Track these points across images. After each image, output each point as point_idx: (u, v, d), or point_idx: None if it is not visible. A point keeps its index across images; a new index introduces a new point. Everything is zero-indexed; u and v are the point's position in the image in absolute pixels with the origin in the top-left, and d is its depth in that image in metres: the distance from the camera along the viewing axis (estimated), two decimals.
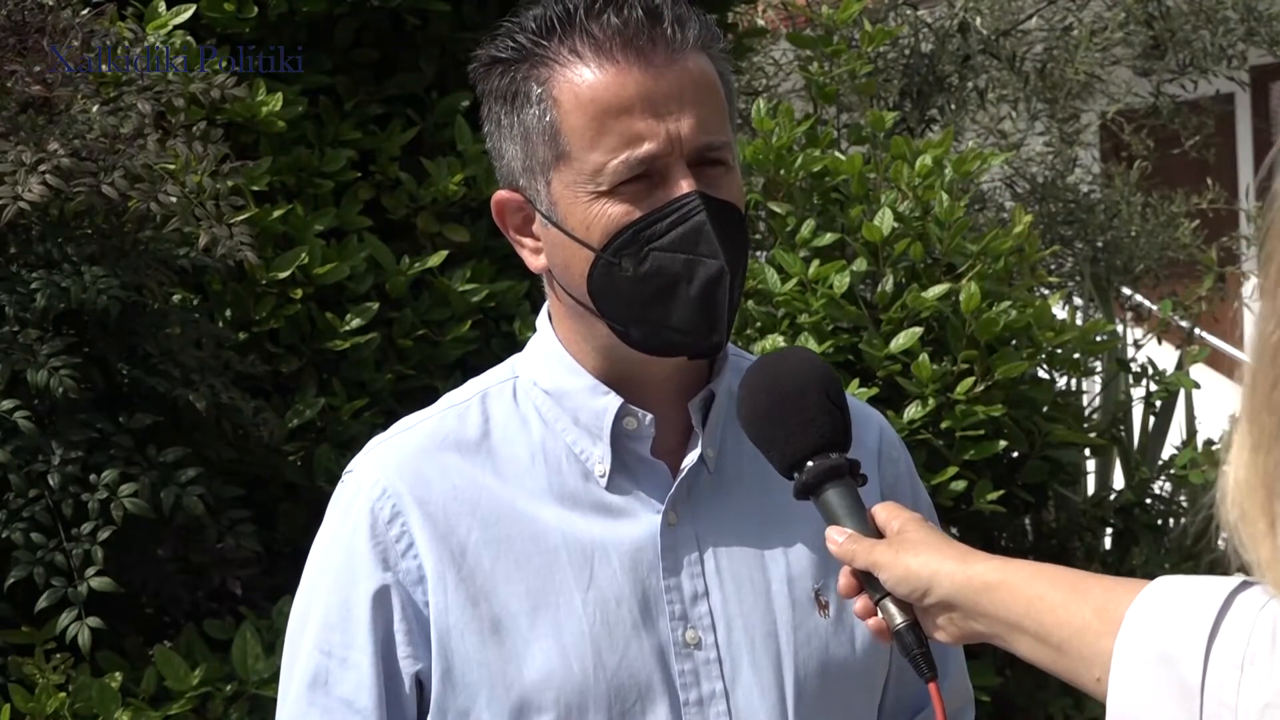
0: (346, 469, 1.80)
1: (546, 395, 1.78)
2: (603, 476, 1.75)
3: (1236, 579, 1.37)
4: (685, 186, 1.68)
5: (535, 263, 1.77)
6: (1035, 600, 1.49)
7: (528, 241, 1.77)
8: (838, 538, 1.61)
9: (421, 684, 1.72)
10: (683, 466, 1.76)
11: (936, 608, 1.55)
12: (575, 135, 1.68)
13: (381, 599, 1.72)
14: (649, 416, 1.75)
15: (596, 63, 1.68)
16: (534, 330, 1.85)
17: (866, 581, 1.59)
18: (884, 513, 1.63)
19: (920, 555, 1.55)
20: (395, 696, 1.72)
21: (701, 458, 1.76)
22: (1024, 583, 1.51)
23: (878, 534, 1.61)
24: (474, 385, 1.84)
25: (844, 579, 1.62)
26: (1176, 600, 1.40)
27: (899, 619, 1.57)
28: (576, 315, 1.76)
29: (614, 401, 1.75)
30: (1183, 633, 1.36)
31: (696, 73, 1.70)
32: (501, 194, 1.77)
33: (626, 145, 1.67)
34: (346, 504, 1.76)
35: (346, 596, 1.72)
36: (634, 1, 1.69)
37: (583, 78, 1.68)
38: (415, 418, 1.82)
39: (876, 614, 1.59)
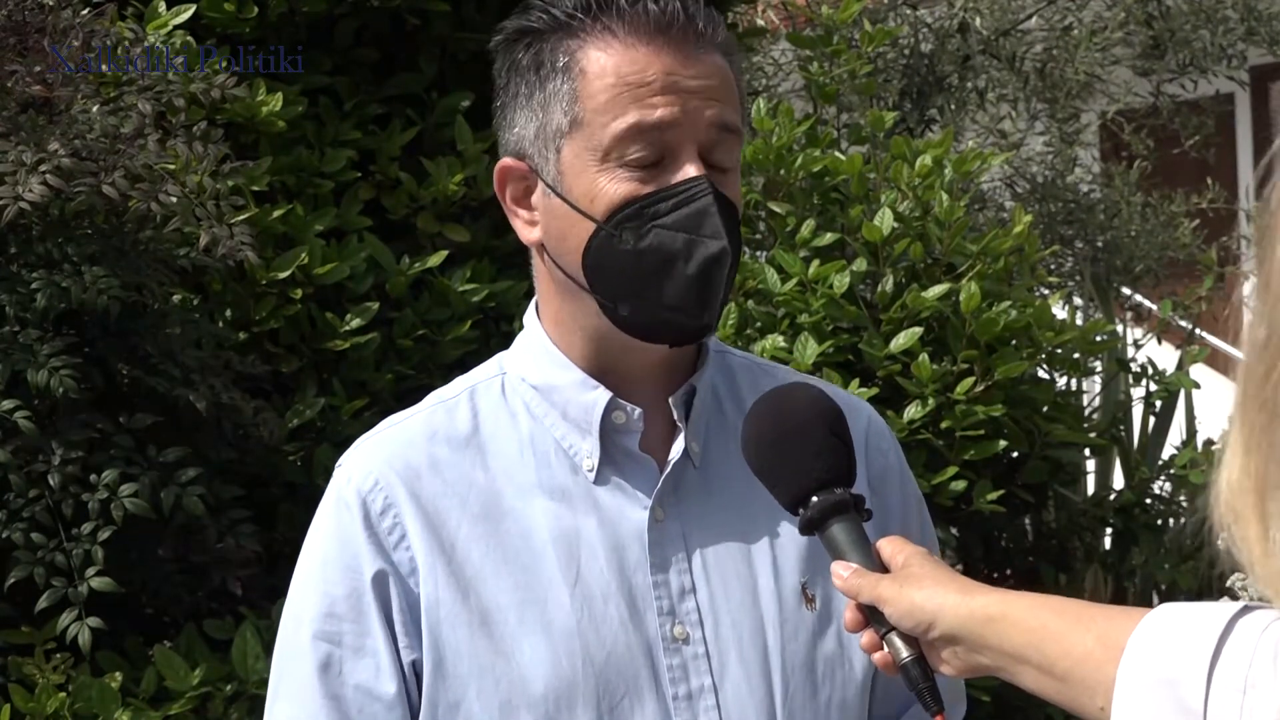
0: (337, 464, 1.81)
1: (534, 390, 1.79)
2: (591, 471, 1.76)
3: (1238, 604, 1.38)
4: (694, 170, 1.70)
5: (528, 235, 1.79)
6: (1038, 631, 1.50)
7: (523, 213, 1.79)
8: (843, 573, 1.61)
9: (416, 674, 1.73)
10: (669, 459, 1.76)
11: (941, 641, 1.56)
12: (594, 104, 1.70)
13: (383, 587, 1.73)
14: (637, 410, 1.76)
15: (628, 41, 1.71)
16: None
17: (872, 616, 1.60)
18: (889, 547, 1.63)
19: (924, 589, 1.56)
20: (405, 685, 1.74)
21: (686, 451, 1.77)
22: (1026, 614, 1.51)
23: (883, 568, 1.62)
24: (461, 382, 1.85)
25: (850, 613, 1.63)
26: (1178, 626, 1.40)
27: (905, 653, 1.58)
28: (565, 294, 1.77)
29: (603, 395, 1.76)
30: (1185, 657, 1.36)
31: (719, 69, 1.74)
32: (506, 161, 1.78)
33: (640, 113, 1.69)
34: (338, 497, 1.77)
35: (354, 587, 1.73)
36: None
37: (612, 51, 1.71)
38: (403, 414, 1.83)
39: (883, 648, 1.60)
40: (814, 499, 1.64)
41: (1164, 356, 5.19)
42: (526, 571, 1.72)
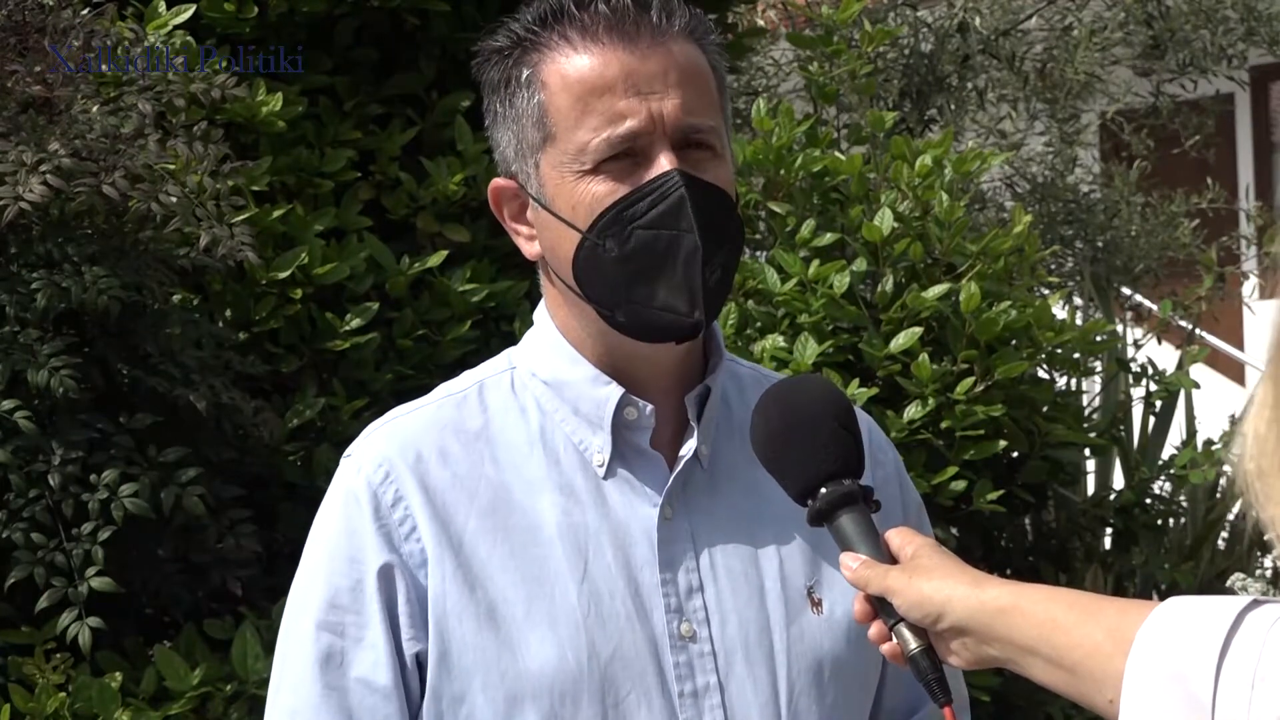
0: (345, 453, 1.81)
1: (545, 386, 1.80)
2: (601, 466, 1.77)
3: (1247, 598, 1.38)
4: (666, 164, 1.70)
5: (530, 250, 1.80)
6: (1048, 623, 1.50)
7: (523, 229, 1.80)
8: (851, 564, 1.62)
9: (421, 665, 1.73)
10: (681, 455, 1.77)
11: (950, 633, 1.56)
12: (561, 115, 1.72)
13: (388, 579, 1.73)
14: (649, 407, 1.77)
15: (583, 46, 1.72)
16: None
17: (880, 607, 1.60)
18: (898, 538, 1.63)
19: (933, 580, 1.56)
20: (405, 676, 1.74)
21: (695, 453, 1.77)
22: (1036, 606, 1.51)
23: (891, 559, 1.62)
24: (470, 376, 1.85)
25: (859, 605, 1.63)
26: (1187, 619, 1.40)
27: (913, 644, 1.58)
28: (570, 304, 1.78)
29: (615, 391, 1.76)
30: (1193, 651, 1.36)
31: (681, 57, 1.74)
32: (498, 181, 1.80)
33: (609, 123, 1.70)
34: (348, 487, 1.77)
35: (359, 578, 1.73)
36: None
37: (569, 60, 1.72)
38: (412, 405, 1.83)
39: (891, 639, 1.60)
40: (822, 490, 1.64)
41: (1164, 356, 5.19)
42: (534, 565, 1.73)
